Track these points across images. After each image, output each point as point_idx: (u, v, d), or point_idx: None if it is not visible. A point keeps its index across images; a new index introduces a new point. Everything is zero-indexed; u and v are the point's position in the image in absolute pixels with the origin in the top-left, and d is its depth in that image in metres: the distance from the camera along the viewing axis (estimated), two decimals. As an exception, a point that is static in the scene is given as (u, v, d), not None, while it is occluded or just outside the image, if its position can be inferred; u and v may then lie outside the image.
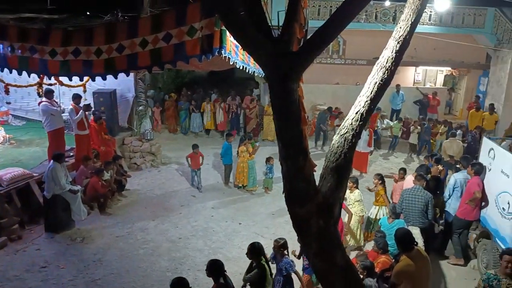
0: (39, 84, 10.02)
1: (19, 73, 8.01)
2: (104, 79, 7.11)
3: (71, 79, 7.77)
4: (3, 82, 10.56)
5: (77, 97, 10.15)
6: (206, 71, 19.04)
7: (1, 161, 10.24)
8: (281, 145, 3.66)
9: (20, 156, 10.81)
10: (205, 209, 9.98)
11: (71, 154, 10.53)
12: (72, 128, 10.42)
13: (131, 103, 13.16)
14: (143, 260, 7.72)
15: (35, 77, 9.24)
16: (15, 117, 14.17)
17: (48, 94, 9.65)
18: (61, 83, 10.54)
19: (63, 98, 11.74)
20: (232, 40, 6.15)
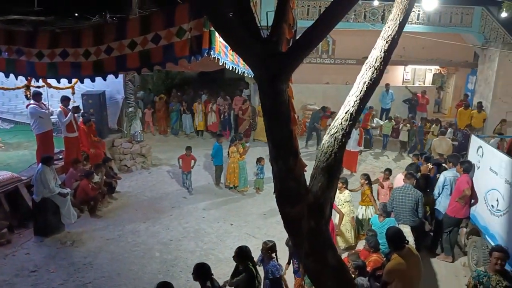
0: (26, 87, 9.95)
1: (6, 76, 7.93)
2: (93, 81, 7.06)
3: (59, 81, 7.71)
4: (-10, 85, 10.46)
5: (65, 99, 10.07)
6: (195, 72, 19.00)
7: (-11, 164, 10.11)
8: (271, 146, 3.66)
9: (8, 159, 10.70)
10: (196, 210, 9.95)
11: (60, 157, 10.43)
12: (61, 130, 10.33)
13: (120, 104, 13.06)
14: (134, 262, 7.68)
15: (22, 79, 9.16)
16: (3, 120, 13.99)
17: (36, 96, 9.56)
18: (49, 85, 10.45)
19: (52, 101, 11.60)
20: (221, 41, 6.14)
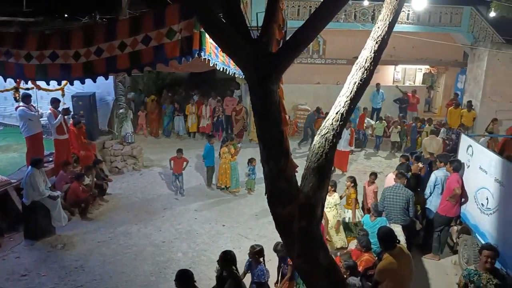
0: (15, 89, 9.85)
1: (-5, 78, 7.85)
2: (82, 83, 7.00)
3: (48, 83, 7.63)
4: (-21, 87, 10.33)
5: (55, 102, 10.00)
6: (186, 72, 18.95)
7: (-22, 168, 10.01)
8: (262, 146, 3.66)
9: (-3, 162, 10.60)
10: (188, 211, 9.92)
11: (50, 159, 10.36)
12: (51, 132, 10.26)
13: (111, 106, 13.00)
14: (126, 265, 7.63)
15: (11, 81, 9.08)
16: (-8, 122, 13.89)
17: (26, 98, 9.48)
18: (38, 87, 10.35)
19: (41, 103, 11.52)
20: (211, 42, 6.12)
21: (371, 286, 5.12)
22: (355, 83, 3.75)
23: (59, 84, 8.60)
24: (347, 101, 3.75)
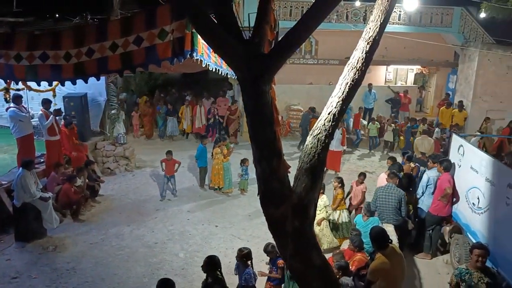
0: (6, 90, 9.75)
1: (-16, 79, 7.79)
2: (74, 83, 6.95)
3: (39, 84, 7.58)
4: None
5: (46, 102, 9.92)
6: (179, 73, 18.90)
7: (-33, 169, 9.91)
8: (255, 147, 3.66)
9: (-13, 164, 10.50)
10: (181, 212, 9.89)
11: (42, 160, 10.28)
12: (42, 134, 10.18)
13: (103, 107, 12.93)
14: (119, 267, 7.59)
15: (1, 82, 8.99)
16: (-18, 123, 13.74)
17: (16, 99, 9.40)
18: (29, 88, 10.27)
19: (32, 103, 11.44)
20: (203, 42, 6.10)
21: (364, 286, 5.14)
22: (347, 83, 3.77)
23: (50, 84, 8.52)
24: (339, 101, 3.77)
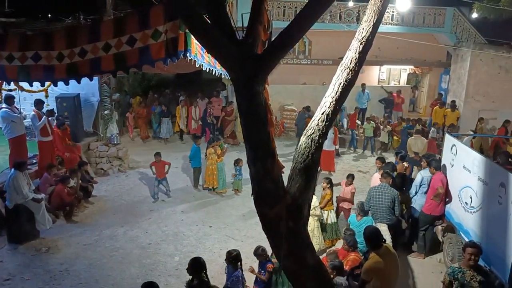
0: (-2, 90, 9.70)
1: (-24, 79, 7.72)
2: (66, 84, 6.92)
3: (31, 85, 7.53)
4: (-40, 89, 10.15)
5: (39, 103, 9.87)
6: (172, 73, 18.85)
7: (-41, 171, 9.83)
8: (248, 147, 3.66)
9: (-21, 165, 10.41)
10: (175, 213, 9.87)
11: (34, 161, 10.21)
12: (34, 134, 10.12)
13: (96, 107, 12.87)
14: (113, 268, 7.55)
15: (-7, 83, 8.93)
16: (-26, 124, 13.62)
17: (8, 100, 9.33)
18: (21, 89, 10.24)
19: (24, 104, 11.38)
20: (197, 43, 6.09)
21: (358, 285, 5.15)
22: (340, 84, 3.78)
23: (42, 85, 8.49)
24: (332, 101, 3.78)
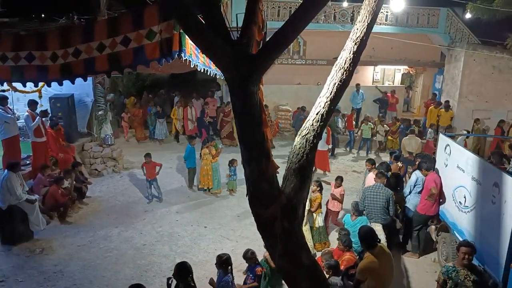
0: (-9, 91, 9.64)
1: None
2: (60, 84, 6.89)
3: (25, 85, 7.49)
4: (-48, 89, 10.08)
5: (32, 103, 9.82)
6: (167, 73, 18.82)
7: (-49, 172, 9.74)
8: (243, 148, 3.66)
9: (-28, 166, 10.33)
10: (169, 213, 9.85)
11: (28, 162, 10.15)
12: (28, 135, 10.06)
13: (90, 107, 12.82)
14: (107, 269, 7.52)
15: (-14, 83, 8.85)
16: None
17: (2, 100, 9.26)
18: (14, 89, 10.18)
19: (18, 105, 11.31)
20: (191, 43, 6.09)
21: (353, 285, 5.17)
22: (335, 84, 3.79)
23: (36, 85, 8.46)
24: (327, 102, 3.79)
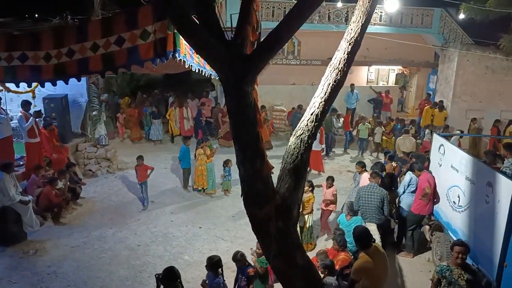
0: (-16, 91, 9.59)
1: (-39, 80, 7.60)
2: (54, 84, 6.85)
3: (18, 86, 7.45)
4: None
5: (26, 104, 9.77)
6: (161, 73, 18.76)
7: None
8: (238, 148, 3.66)
9: (-35, 167, 10.25)
10: (164, 214, 9.82)
11: (21, 163, 10.09)
12: (21, 136, 10.01)
13: (84, 108, 12.76)
14: (101, 270, 7.49)
15: (-21, 84, 8.82)
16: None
17: (-5, 101, 9.25)
18: (8, 90, 10.13)
19: (11, 105, 11.24)
20: (186, 43, 6.07)
21: (348, 285, 5.17)
22: (329, 84, 3.79)
23: (29, 86, 8.42)
24: (321, 102, 3.79)
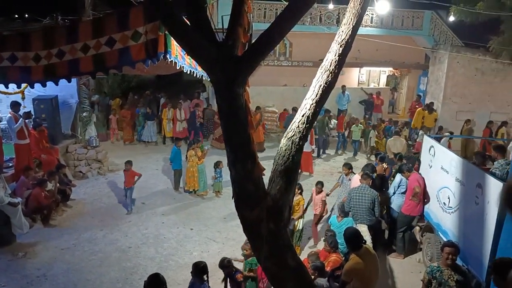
0: (-28, 92, 9.48)
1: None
2: (44, 85, 6.79)
3: (7, 86, 7.37)
4: None
5: (15, 105, 9.68)
6: (153, 74, 18.71)
7: None
8: (229, 150, 3.65)
9: (-47, 168, 10.13)
10: (155, 215, 9.78)
11: (10, 164, 10.00)
12: (11, 137, 9.91)
13: (74, 109, 12.67)
14: (92, 272, 7.44)
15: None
16: None
17: (-17, 102, 9.15)
18: (-3, 90, 10.01)
19: (0, 106, 11.14)
20: (177, 44, 6.05)
21: (338, 287, 5.19)
22: (320, 86, 3.80)
23: (18, 87, 8.33)
24: (312, 104, 3.80)
